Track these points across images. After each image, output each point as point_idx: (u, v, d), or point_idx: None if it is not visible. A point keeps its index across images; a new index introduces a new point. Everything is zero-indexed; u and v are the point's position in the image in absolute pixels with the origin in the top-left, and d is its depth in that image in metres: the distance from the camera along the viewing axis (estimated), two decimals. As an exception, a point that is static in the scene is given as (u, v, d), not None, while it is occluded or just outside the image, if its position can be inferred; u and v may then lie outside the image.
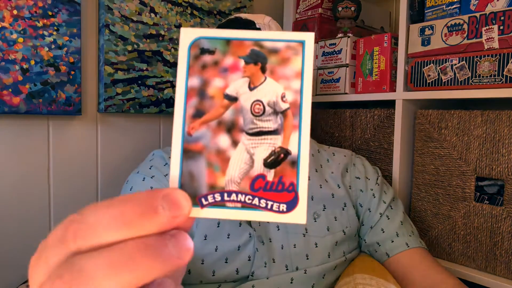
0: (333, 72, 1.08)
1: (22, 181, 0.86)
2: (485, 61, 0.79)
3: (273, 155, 0.24)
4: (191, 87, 0.24)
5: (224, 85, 0.24)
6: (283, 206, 0.23)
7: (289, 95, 0.24)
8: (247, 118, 0.24)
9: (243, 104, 0.24)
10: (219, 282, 0.64)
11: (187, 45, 0.24)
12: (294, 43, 0.24)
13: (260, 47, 0.24)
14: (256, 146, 0.24)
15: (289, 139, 0.24)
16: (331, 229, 0.71)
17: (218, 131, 0.24)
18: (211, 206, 0.23)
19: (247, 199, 0.23)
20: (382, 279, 0.64)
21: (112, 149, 0.98)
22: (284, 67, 0.24)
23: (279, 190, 0.23)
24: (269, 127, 0.24)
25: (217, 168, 0.24)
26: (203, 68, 0.24)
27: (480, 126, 0.80)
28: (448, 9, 0.86)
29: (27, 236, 0.87)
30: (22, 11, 0.81)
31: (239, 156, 0.24)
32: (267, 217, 0.23)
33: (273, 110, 0.24)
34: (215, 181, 0.23)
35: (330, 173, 0.79)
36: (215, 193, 0.23)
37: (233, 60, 0.25)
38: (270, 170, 0.24)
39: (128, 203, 0.20)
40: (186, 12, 1.05)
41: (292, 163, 0.23)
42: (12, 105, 0.80)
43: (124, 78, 0.95)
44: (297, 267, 0.66)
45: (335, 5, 1.07)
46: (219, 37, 0.25)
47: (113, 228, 0.20)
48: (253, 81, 0.24)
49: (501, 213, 0.78)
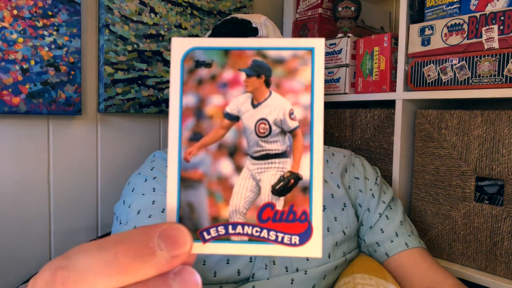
0: (333, 72, 1.08)
1: (22, 181, 0.86)
2: (485, 61, 0.79)
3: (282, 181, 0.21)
4: (187, 106, 0.21)
5: (223, 102, 0.22)
6: (295, 239, 0.21)
7: (298, 112, 0.21)
8: (251, 140, 0.22)
9: (246, 124, 0.22)
10: (220, 283, 0.64)
11: (179, 57, 0.21)
12: (301, 51, 0.21)
13: (263, 57, 0.21)
14: (263, 171, 0.21)
15: (300, 162, 0.21)
16: (331, 229, 0.71)
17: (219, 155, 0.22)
18: (215, 240, 0.21)
19: (254, 231, 0.21)
20: (382, 279, 0.64)
21: (112, 149, 0.98)
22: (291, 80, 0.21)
23: (290, 220, 0.21)
24: (276, 149, 0.22)
25: (219, 197, 0.21)
26: (199, 84, 0.22)
27: (480, 126, 0.80)
28: (448, 9, 0.86)
29: (27, 236, 0.87)
30: (22, 11, 0.81)
31: (244, 183, 0.21)
32: (278, 252, 0.21)
33: (281, 129, 0.22)
34: (217, 212, 0.21)
35: (330, 173, 0.79)
36: (218, 226, 0.21)
37: (233, 73, 0.22)
38: (279, 198, 0.21)
39: (121, 245, 0.18)
40: (186, 12, 1.05)
41: (303, 189, 0.21)
42: (12, 105, 0.80)
43: (124, 78, 0.96)
44: (297, 268, 0.66)
45: (335, 5, 1.07)
46: (215, 47, 0.22)
47: (106, 275, 0.17)
48: (256, 97, 0.22)
49: (501, 213, 0.78)
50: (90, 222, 0.96)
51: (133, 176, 0.72)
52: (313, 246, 0.21)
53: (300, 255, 0.21)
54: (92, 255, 0.18)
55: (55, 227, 0.91)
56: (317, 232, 0.21)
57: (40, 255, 0.89)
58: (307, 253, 0.21)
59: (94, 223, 0.97)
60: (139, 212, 0.62)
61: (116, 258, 0.18)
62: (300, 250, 0.21)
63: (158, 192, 0.65)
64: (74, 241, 0.93)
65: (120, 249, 0.18)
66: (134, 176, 0.72)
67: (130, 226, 0.61)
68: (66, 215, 0.92)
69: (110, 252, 0.18)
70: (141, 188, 0.68)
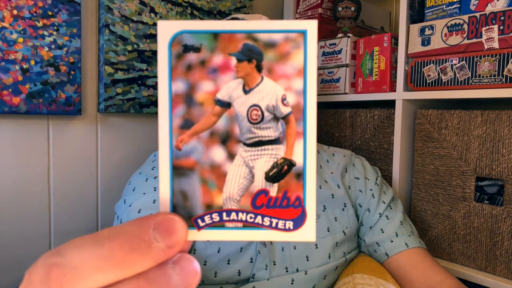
0: (333, 72, 1.08)
1: (22, 181, 0.86)
2: (485, 61, 0.79)
3: (275, 168, 0.21)
4: (176, 92, 0.21)
5: (214, 88, 0.21)
6: (289, 224, 0.21)
7: (290, 97, 0.21)
8: (243, 127, 0.21)
9: (238, 110, 0.21)
10: (220, 283, 0.64)
11: (166, 41, 0.21)
12: (294, 34, 0.21)
13: (254, 40, 0.21)
14: (256, 158, 0.21)
15: (293, 148, 0.21)
16: (331, 229, 0.71)
17: (211, 143, 0.21)
18: (209, 227, 0.21)
19: (248, 217, 0.21)
20: (382, 279, 0.64)
21: (112, 149, 0.98)
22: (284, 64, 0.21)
23: (284, 206, 0.21)
24: (269, 136, 0.21)
25: (212, 185, 0.21)
26: (189, 70, 0.21)
27: (480, 126, 0.80)
28: (448, 9, 0.86)
29: (27, 236, 0.87)
30: (22, 11, 0.81)
31: (237, 170, 0.21)
32: (272, 236, 0.21)
33: (273, 115, 0.21)
34: (211, 199, 0.21)
35: (330, 173, 0.79)
36: (212, 213, 0.21)
37: (223, 58, 0.21)
38: (273, 185, 0.21)
39: (116, 239, 0.18)
40: (186, 12, 1.05)
41: (297, 175, 0.21)
42: (12, 105, 0.80)
43: (124, 78, 0.96)
44: (297, 269, 0.66)
45: (335, 5, 1.07)
46: (204, 30, 0.21)
47: (103, 271, 0.17)
48: (248, 82, 0.21)
49: (501, 213, 0.78)
50: (90, 222, 0.96)
51: (134, 176, 0.72)
52: (307, 230, 0.21)
53: (294, 239, 0.21)
54: (87, 250, 0.17)
55: (55, 227, 0.91)
56: (311, 217, 0.21)
57: (40, 255, 0.89)
58: (301, 237, 0.21)
59: (94, 223, 0.97)
60: (139, 211, 0.62)
61: (112, 253, 0.17)
62: (294, 235, 0.21)
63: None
64: (74, 241, 0.93)
65: (116, 243, 0.17)
66: (135, 176, 0.72)
67: None
68: (66, 215, 0.92)
69: (105, 247, 0.17)
70: (142, 188, 0.68)
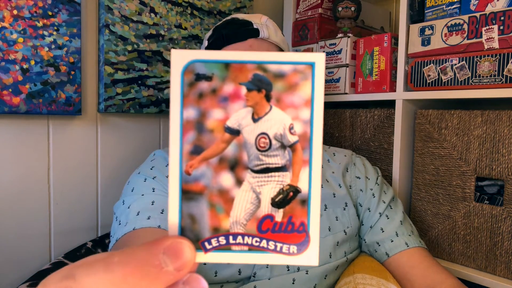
0: (333, 72, 1.08)
1: (22, 181, 0.86)
2: (485, 61, 0.79)
3: (281, 194, 0.22)
4: (187, 119, 0.22)
5: (224, 116, 0.22)
6: (293, 248, 0.22)
7: (297, 127, 0.22)
8: (251, 154, 0.22)
9: (247, 138, 0.22)
10: (221, 282, 0.64)
11: (180, 70, 0.21)
12: (302, 66, 0.22)
13: (264, 71, 0.22)
14: (263, 184, 0.22)
15: (299, 175, 0.22)
16: (333, 229, 0.71)
17: (219, 169, 0.22)
18: (216, 250, 0.22)
19: (254, 241, 0.22)
20: (382, 279, 0.64)
21: (112, 149, 0.98)
22: (292, 94, 0.22)
23: (289, 231, 0.22)
24: (276, 163, 0.22)
25: (220, 209, 0.22)
26: (200, 97, 0.22)
27: (480, 126, 0.80)
28: (448, 9, 0.86)
29: (27, 236, 0.87)
30: (22, 11, 0.81)
31: (244, 195, 0.22)
32: (277, 260, 0.22)
33: (281, 144, 0.22)
34: (218, 223, 0.22)
35: (331, 173, 0.79)
36: (219, 236, 0.22)
37: (234, 87, 0.22)
38: (278, 210, 0.22)
39: (127, 266, 0.18)
40: (186, 12, 1.05)
41: (302, 202, 0.22)
42: (12, 105, 0.80)
43: (124, 78, 0.95)
44: (298, 268, 0.66)
45: (335, 5, 1.07)
46: (216, 60, 0.22)
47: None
48: (257, 111, 0.22)
49: (501, 213, 0.78)
50: (90, 222, 0.96)
51: (133, 176, 0.72)
52: (311, 255, 0.22)
53: (297, 263, 0.22)
54: (99, 276, 0.18)
55: (55, 227, 0.91)
56: (314, 241, 0.22)
57: (40, 255, 0.89)
58: (304, 262, 0.22)
59: (94, 223, 0.97)
60: (138, 213, 0.62)
61: (124, 280, 0.18)
62: (298, 259, 0.22)
63: (157, 192, 0.65)
64: (74, 241, 0.92)
65: (127, 270, 0.18)
66: (134, 176, 0.72)
67: (129, 227, 0.61)
68: (66, 215, 0.92)
69: (117, 275, 0.18)
70: (141, 188, 0.67)
